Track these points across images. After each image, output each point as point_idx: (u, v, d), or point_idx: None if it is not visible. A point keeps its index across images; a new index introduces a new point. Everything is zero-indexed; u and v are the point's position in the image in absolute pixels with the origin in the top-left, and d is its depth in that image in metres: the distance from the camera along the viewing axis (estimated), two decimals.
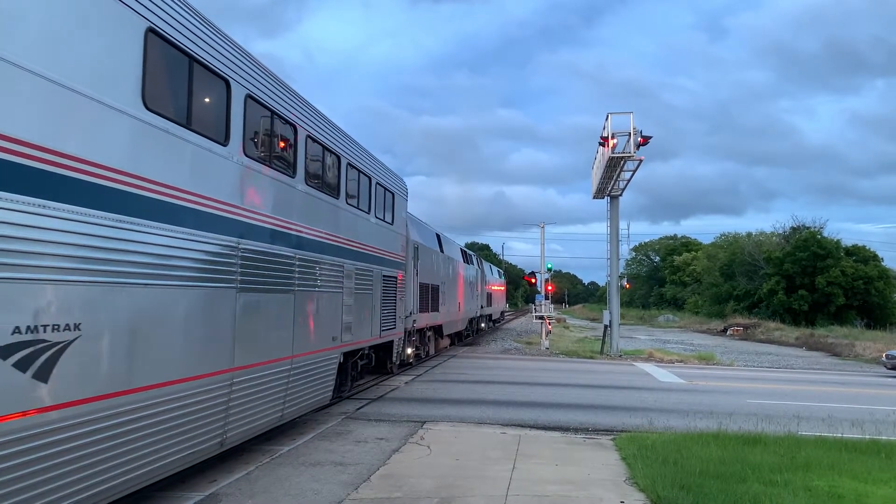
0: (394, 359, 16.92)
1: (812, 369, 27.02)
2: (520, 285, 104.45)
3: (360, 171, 12.89)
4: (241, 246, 7.92)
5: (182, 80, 6.96)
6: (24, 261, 4.70)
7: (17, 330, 4.64)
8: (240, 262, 7.91)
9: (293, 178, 9.69)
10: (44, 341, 4.88)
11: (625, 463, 9.11)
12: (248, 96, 8.27)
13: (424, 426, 11.43)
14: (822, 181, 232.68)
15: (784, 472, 8.51)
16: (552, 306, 32.75)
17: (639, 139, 24.95)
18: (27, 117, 4.80)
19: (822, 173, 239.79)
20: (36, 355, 4.83)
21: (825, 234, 65.67)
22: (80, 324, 5.23)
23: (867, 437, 11.12)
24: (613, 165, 25.95)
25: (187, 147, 6.84)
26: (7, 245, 4.56)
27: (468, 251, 34.97)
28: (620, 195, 28.54)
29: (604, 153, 26.09)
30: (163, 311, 6.43)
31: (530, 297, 76.34)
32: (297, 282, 9.68)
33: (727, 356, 31.02)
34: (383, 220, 14.82)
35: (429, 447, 9.86)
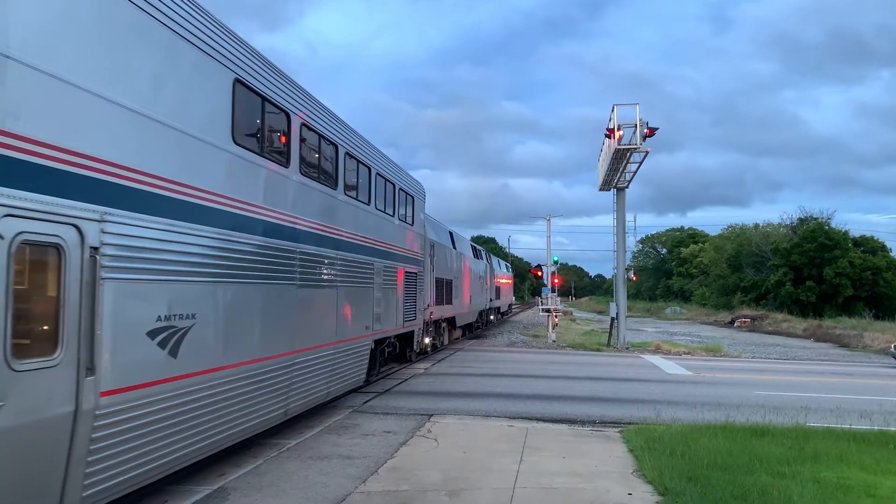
0: (414, 347, 18.46)
1: (820, 360, 26.93)
2: (526, 278, 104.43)
3: (386, 179, 14.47)
4: (298, 249, 9.50)
5: (257, 117, 8.55)
6: (162, 266, 6.32)
7: (159, 318, 6.26)
8: (298, 262, 9.47)
9: (335, 189, 11.22)
10: (175, 326, 6.49)
11: (632, 455, 9.11)
12: (303, 124, 9.78)
13: (431, 419, 11.45)
14: (829, 172, 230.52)
15: (792, 464, 8.49)
16: (559, 299, 32.68)
17: (645, 131, 24.84)
18: (167, 159, 6.44)
19: (828, 164, 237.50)
20: (170, 337, 6.43)
21: (833, 225, 65.35)
22: (195, 314, 6.84)
23: (876, 428, 11.09)
24: (620, 157, 25.85)
25: (262, 171, 8.49)
26: (152, 255, 6.18)
27: (477, 246, 36.50)
28: (627, 187, 28.43)
29: (610, 145, 25.99)
30: (248, 303, 8.06)
31: (537, 290, 76.33)
32: (339, 278, 11.28)
33: (735, 348, 30.94)
34: (405, 222, 16.43)
35: (436, 440, 9.88)
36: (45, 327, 5.10)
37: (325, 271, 10.57)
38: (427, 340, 21.01)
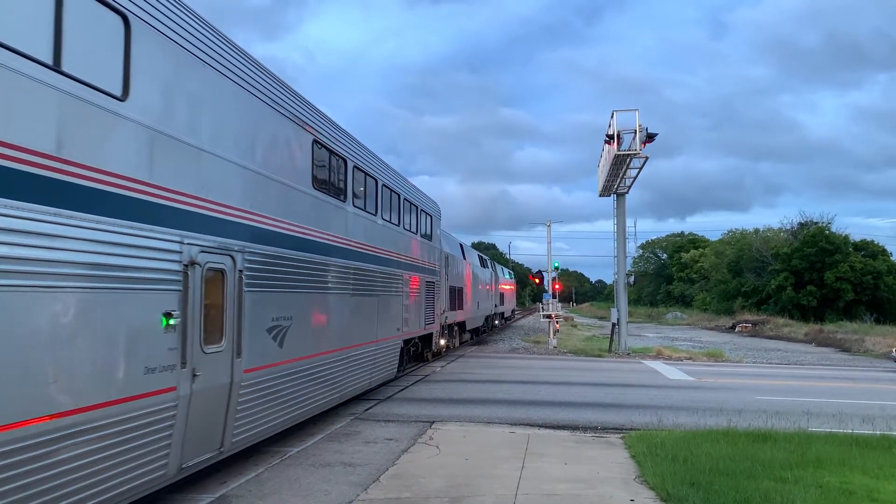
0: (433, 348, 21.25)
1: (822, 365, 26.88)
2: (527, 284, 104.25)
3: (411, 203, 17.28)
4: (351, 265, 12.02)
5: (325, 165, 11.07)
6: (273, 281, 8.77)
7: (272, 319, 8.72)
8: (351, 276, 12.03)
9: (375, 215, 13.78)
10: (281, 325, 8.92)
11: (634, 461, 9.10)
12: (355, 167, 12.41)
13: (433, 426, 11.44)
14: (828, 176, 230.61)
15: (794, 469, 8.48)
16: (560, 305, 32.68)
17: (644, 136, 24.89)
18: (276, 204, 8.94)
19: (827, 168, 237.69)
20: (278, 332, 8.88)
21: (833, 230, 65.27)
22: (291, 316, 9.29)
23: (878, 432, 11.07)
24: (619, 163, 25.90)
25: (329, 207, 11.07)
26: (269, 274, 8.63)
27: (483, 256, 39.56)
28: (627, 192, 28.48)
29: (610, 151, 26.05)
30: (319, 308, 10.54)
31: (537, 296, 76.27)
32: (378, 288, 13.75)
33: (736, 353, 30.89)
34: (426, 238, 19.14)
35: (438, 447, 9.87)
36: (217, 324, 7.38)
37: (368, 283, 13.12)
38: (442, 342, 23.24)
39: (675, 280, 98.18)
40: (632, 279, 30.37)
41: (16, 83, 4.73)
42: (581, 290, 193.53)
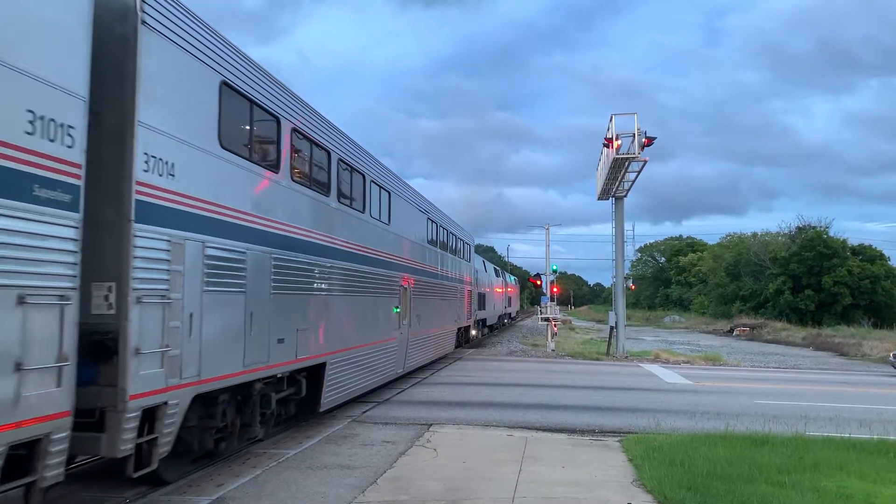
0: (470, 337, 30.95)
1: (819, 369, 26.91)
2: (525, 287, 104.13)
3: (461, 239, 26.72)
4: (437, 283, 21.27)
5: (430, 229, 20.51)
6: (419, 292, 18.68)
7: (417, 310, 18.43)
8: (438, 288, 21.35)
9: (446, 251, 22.97)
10: (419, 314, 18.70)
11: (632, 464, 9.09)
12: (440, 226, 22.12)
13: (431, 429, 11.43)
14: (823, 180, 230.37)
15: (792, 473, 8.48)
16: (558, 308, 32.71)
17: (643, 140, 24.89)
18: (416, 253, 18.65)
19: (821, 172, 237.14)
20: (419, 317, 18.79)
21: (831, 234, 65.44)
22: (421, 308, 18.95)
23: (875, 437, 11.06)
24: (618, 166, 25.91)
25: (434, 251, 21.05)
26: (418, 288, 18.82)
27: (497, 267, 49.99)
28: (625, 196, 28.48)
29: (608, 154, 26.05)
30: (430, 304, 20.30)
31: (535, 299, 76.29)
32: (448, 295, 23.27)
33: (734, 357, 30.92)
34: (465, 260, 28.03)
35: (435, 450, 9.86)
36: (406, 312, 16.78)
37: (445, 291, 22.58)
38: (473, 332, 31.93)
39: (673, 283, 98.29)
40: (630, 283, 30.38)
41: (384, 233, 15.14)
42: (579, 293, 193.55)
